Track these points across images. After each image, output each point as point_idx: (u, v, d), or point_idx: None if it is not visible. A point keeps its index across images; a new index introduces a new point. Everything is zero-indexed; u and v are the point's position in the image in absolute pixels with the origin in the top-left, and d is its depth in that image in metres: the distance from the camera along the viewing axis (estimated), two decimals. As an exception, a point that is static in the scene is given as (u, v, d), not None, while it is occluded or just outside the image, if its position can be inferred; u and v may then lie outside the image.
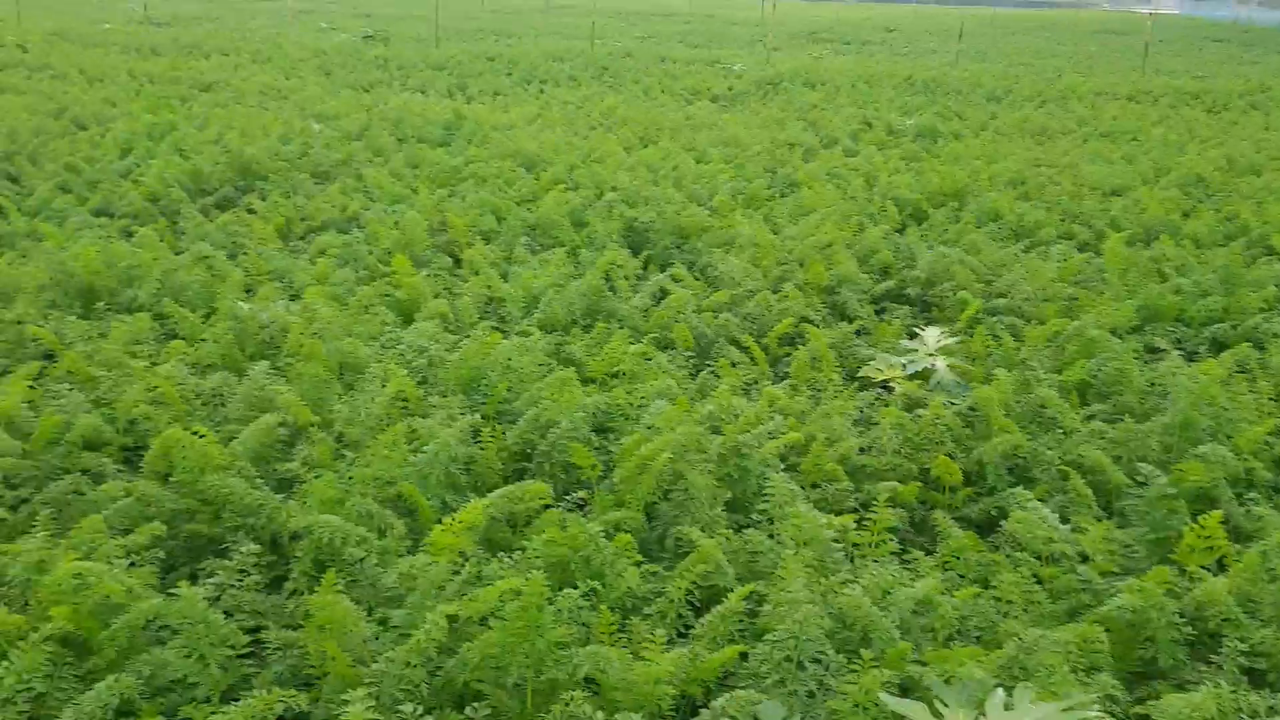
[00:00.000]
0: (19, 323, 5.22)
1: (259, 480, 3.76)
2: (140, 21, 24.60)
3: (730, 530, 3.72)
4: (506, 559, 3.29)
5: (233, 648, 2.73)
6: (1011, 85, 17.85)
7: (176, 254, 6.66)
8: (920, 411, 4.86)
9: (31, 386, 4.49)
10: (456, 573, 3.13)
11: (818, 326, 6.07)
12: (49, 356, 5.10)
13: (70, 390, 4.35)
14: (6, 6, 24.74)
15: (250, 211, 7.85)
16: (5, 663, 2.53)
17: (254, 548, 3.16)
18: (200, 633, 2.67)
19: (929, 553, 3.89)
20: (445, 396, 4.59)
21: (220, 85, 13.80)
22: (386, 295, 6.07)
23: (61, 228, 7.07)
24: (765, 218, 8.19)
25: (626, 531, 3.54)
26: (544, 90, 15.87)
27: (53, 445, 3.96)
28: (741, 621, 3.13)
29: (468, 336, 5.37)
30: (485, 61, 18.77)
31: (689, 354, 5.64)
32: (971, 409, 4.98)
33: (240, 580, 3.08)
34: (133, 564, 3.09)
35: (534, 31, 28.62)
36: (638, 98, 15.42)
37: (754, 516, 3.80)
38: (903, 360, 5.57)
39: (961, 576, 3.70)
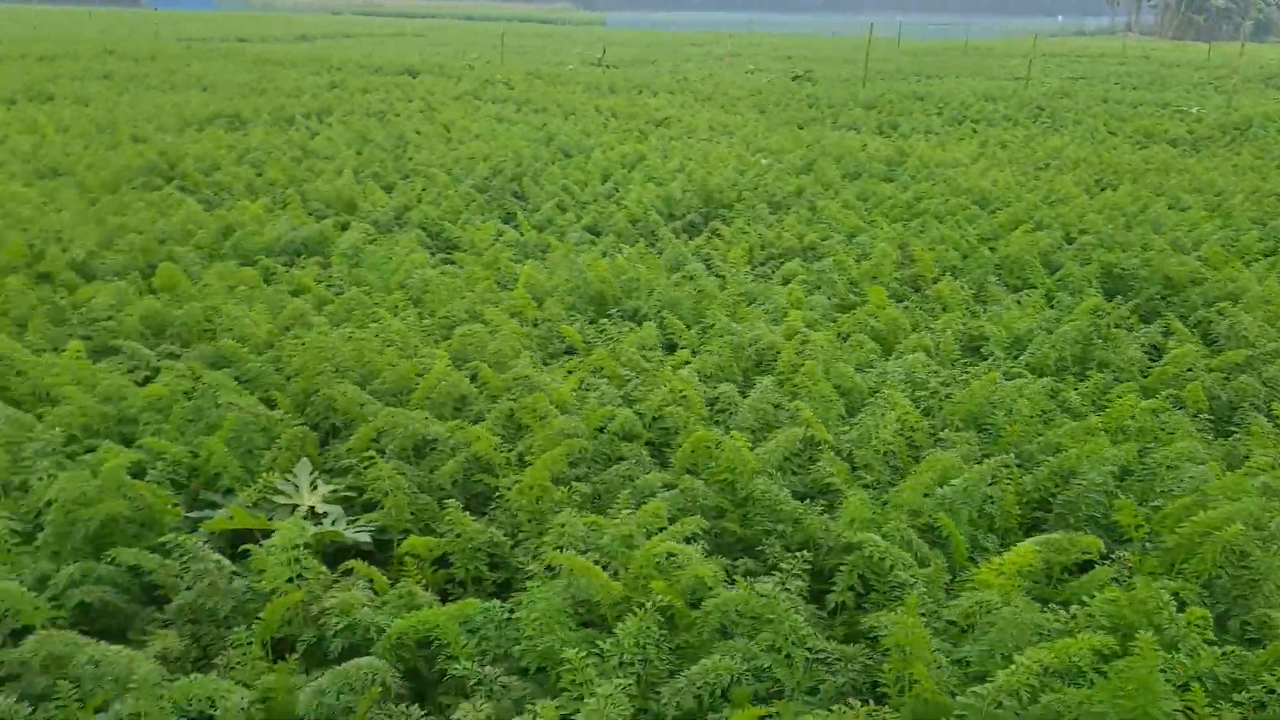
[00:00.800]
0: (548, 321, 5.87)
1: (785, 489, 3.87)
2: (594, 64, 27.34)
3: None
4: (1061, 611, 3.08)
5: (810, 650, 2.79)
6: None
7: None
8: None
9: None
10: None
11: (1362, 402, 5.20)
12: (569, 352, 5.68)
13: (605, 384, 4.78)
14: (493, 54, 28.79)
15: (717, 235, 8.29)
16: (620, 626, 2.76)
17: (806, 555, 3.23)
18: (786, 631, 2.75)
19: None
20: (953, 430, 4.48)
21: (672, 121, 14.84)
22: (860, 324, 6.08)
23: (562, 241, 7.91)
24: (1272, 269, 7.22)
25: (1184, 604, 3.19)
26: (975, 129, 15.33)
27: (598, 433, 4.36)
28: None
29: (965, 373, 5.23)
30: (914, 101, 18.56)
31: (1201, 415, 5.07)
32: None
33: (789, 586, 3.15)
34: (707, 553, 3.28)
35: (955, 71, 27.94)
36: (1083, 139, 14.41)
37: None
38: None
39: None
